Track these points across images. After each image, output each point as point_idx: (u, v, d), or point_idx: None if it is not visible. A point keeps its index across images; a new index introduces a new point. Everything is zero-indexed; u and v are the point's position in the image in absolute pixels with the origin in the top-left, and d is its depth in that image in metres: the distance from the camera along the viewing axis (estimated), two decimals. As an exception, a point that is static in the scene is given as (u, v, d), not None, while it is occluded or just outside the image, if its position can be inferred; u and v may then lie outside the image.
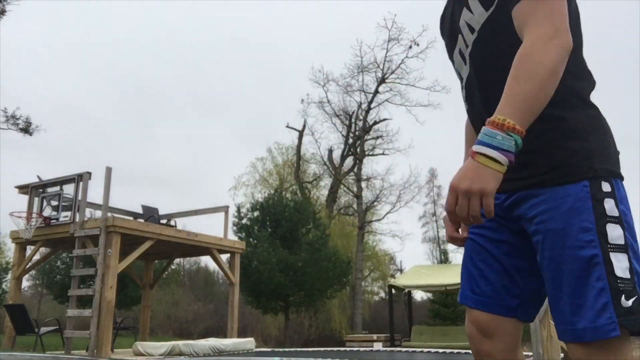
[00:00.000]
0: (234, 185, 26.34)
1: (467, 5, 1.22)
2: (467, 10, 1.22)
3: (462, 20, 1.24)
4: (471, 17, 1.21)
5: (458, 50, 1.28)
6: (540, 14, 1.07)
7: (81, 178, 7.90)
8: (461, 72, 1.30)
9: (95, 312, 7.13)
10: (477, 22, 1.20)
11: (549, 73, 1.02)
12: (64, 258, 20.91)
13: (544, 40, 1.04)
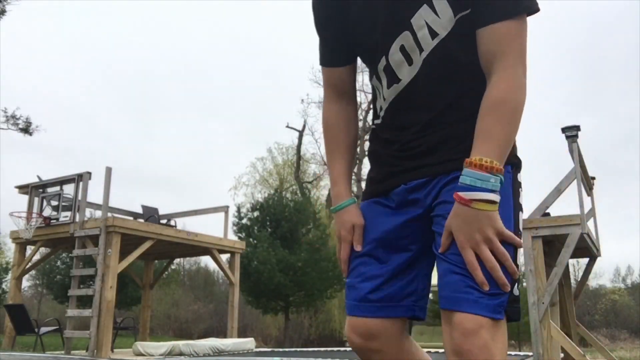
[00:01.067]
0: (234, 185, 26.36)
1: (431, 4, 1.08)
2: (429, 10, 1.09)
3: (420, 18, 1.09)
4: (435, 20, 1.08)
5: (400, 46, 1.13)
6: (517, 49, 1.04)
7: (81, 178, 7.90)
8: (396, 71, 1.16)
9: (95, 312, 7.13)
10: (443, 28, 1.09)
11: (521, 114, 1.05)
12: (64, 258, 20.90)
13: (521, 84, 1.04)
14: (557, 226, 4.97)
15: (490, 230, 0.98)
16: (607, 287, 32.03)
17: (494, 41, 1.04)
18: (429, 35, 1.10)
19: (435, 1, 1.08)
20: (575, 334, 5.83)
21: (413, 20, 1.10)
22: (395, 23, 1.13)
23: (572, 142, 5.13)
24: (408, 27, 1.11)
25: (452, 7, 1.08)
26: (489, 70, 1.05)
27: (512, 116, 1.03)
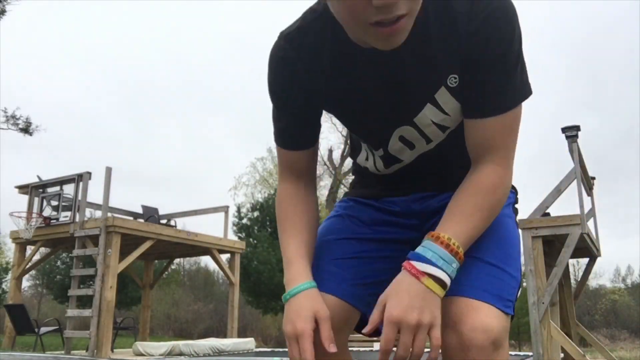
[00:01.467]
0: (234, 185, 26.36)
1: (435, 102, 0.97)
2: (434, 109, 0.98)
3: (426, 118, 0.99)
4: (445, 118, 0.99)
5: (399, 137, 1.04)
6: (511, 145, 0.96)
7: (81, 178, 7.90)
8: (397, 156, 1.08)
9: (95, 312, 7.13)
10: (454, 122, 1.01)
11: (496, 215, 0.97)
12: (64, 258, 20.91)
13: (508, 180, 0.98)
14: (557, 226, 4.97)
15: (428, 316, 0.83)
16: (607, 287, 32.04)
17: (487, 136, 0.94)
18: (438, 130, 1.02)
19: (439, 99, 0.97)
20: (575, 334, 5.83)
21: (417, 119, 1.01)
22: (394, 120, 1.02)
23: (572, 142, 5.13)
24: (411, 124, 1.02)
25: (460, 102, 0.97)
26: (478, 158, 0.97)
27: (493, 210, 0.95)
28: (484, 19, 0.89)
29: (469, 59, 0.92)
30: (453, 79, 0.95)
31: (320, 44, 0.97)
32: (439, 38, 0.92)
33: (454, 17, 0.91)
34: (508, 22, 0.90)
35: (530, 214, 5.13)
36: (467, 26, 0.90)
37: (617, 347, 16.37)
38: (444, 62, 0.94)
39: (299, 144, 1.07)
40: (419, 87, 0.97)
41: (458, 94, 0.96)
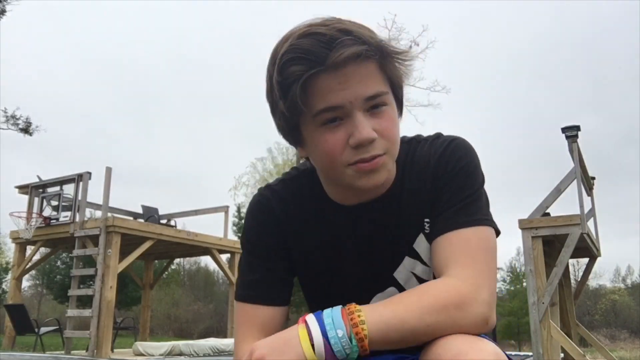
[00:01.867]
0: (234, 185, 26.35)
1: (413, 254, 0.95)
2: (413, 260, 0.95)
3: (405, 271, 0.96)
4: (424, 270, 0.95)
5: (378, 299, 0.97)
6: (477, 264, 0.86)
7: (81, 178, 7.90)
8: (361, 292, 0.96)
9: (95, 312, 7.13)
10: (432, 274, 0.95)
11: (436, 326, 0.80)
12: (64, 258, 20.92)
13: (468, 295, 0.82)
14: (557, 226, 4.97)
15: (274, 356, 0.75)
16: (607, 287, 32.08)
17: (446, 253, 0.86)
18: (417, 282, 0.96)
19: (418, 248, 0.94)
20: (575, 334, 5.83)
21: (396, 274, 0.96)
22: (374, 282, 0.97)
23: (572, 142, 5.13)
24: (393, 283, 0.97)
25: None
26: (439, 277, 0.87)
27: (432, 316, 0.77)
28: (443, 149, 0.93)
29: (435, 195, 0.92)
30: (427, 224, 0.93)
31: (298, 200, 0.98)
32: (410, 186, 0.94)
33: (418, 162, 0.94)
34: (464, 152, 0.93)
35: (530, 214, 5.13)
36: (430, 164, 0.93)
37: (617, 347, 16.37)
38: (420, 210, 0.93)
39: (270, 297, 0.97)
40: (396, 240, 0.95)
41: (432, 239, 0.91)
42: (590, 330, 7.49)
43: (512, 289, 28.81)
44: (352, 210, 0.94)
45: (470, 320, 0.78)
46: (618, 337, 22.35)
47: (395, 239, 0.95)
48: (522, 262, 26.94)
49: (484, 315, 0.79)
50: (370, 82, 0.83)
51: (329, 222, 0.96)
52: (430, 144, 0.96)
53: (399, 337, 0.77)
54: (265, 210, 0.99)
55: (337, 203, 0.95)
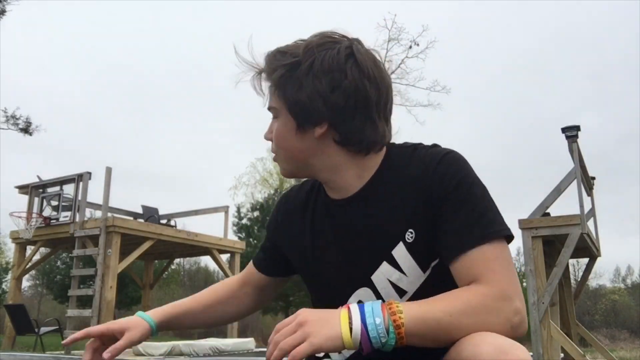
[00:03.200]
0: (234, 185, 26.36)
1: (392, 260, 0.96)
2: (391, 267, 0.96)
3: (382, 276, 0.97)
4: (401, 278, 0.95)
5: (358, 301, 1.00)
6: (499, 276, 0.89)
7: (81, 178, 7.90)
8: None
9: (95, 312, 7.13)
10: (411, 285, 0.95)
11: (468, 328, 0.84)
12: (64, 258, 20.92)
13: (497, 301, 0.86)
14: (557, 226, 4.97)
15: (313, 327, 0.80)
16: (607, 287, 32.07)
17: (468, 273, 0.88)
18: (395, 293, 0.96)
19: (396, 255, 0.95)
20: (575, 334, 5.83)
21: (374, 277, 0.98)
22: (352, 279, 1.01)
23: (572, 142, 5.13)
24: (368, 284, 0.99)
25: (419, 262, 0.94)
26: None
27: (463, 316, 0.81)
28: (437, 163, 0.95)
29: (427, 210, 0.93)
30: (410, 234, 0.94)
31: (307, 198, 1.10)
32: (388, 192, 0.97)
33: (404, 170, 0.97)
34: (460, 166, 0.95)
35: (530, 214, 5.13)
36: (419, 175, 0.95)
37: (617, 347, 16.37)
38: (401, 217, 0.95)
39: (267, 269, 1.19)
40: (376, 242, 0.97)
41: (414, 250, 0.94)
42: (590, 330, 7.49)
43: (512, 289, 28.72)
44: (336, 206, 1.02)
45: (503, 324, 0.83)
46: (618, 337, 22.35)
47: (372, 241, 0.98)
48: (522, 262, 26.92)
49: (515, 321, 0.84)
50: (270, 97, 1.01)
51: (321, 216, 1.06)
52: (422, 154, 0.98)
53: (433, 333, 0.81)
54: (283, 200, 1.18)
55: (329, 198, 1.04)
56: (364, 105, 0.94)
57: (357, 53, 0.95)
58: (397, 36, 22.30)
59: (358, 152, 0.97)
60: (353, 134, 0.95)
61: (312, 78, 0.93)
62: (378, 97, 0.95)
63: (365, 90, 0.93)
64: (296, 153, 0.99)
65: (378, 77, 0.95)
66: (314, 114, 0.94)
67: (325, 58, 0.93)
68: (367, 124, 0.95)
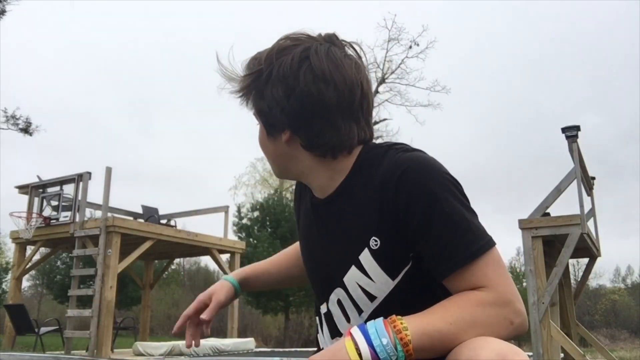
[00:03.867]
0: (234, 185, 26.39)
1: (359, 265, 0.95)
2: (358, 272, 0.96)
3: (352, 280, 0.97)
4: (369, 283, 0.95)
5: (337, 300, 1.01)
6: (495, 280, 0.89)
7: (81, 178, 7.90)
8: (337, 324, 1.04)
9: (95, 312, 7.13)
10: (379, 291, 0.94)
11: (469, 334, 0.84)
12: (64, 258, 20.92)
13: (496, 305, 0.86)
14: (557, 226, 4.97)
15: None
16: (607, 287, 32.06)
17: (464, 283, 0.87)
18: (365, 297, 0.96)
19: (363, 262, 0.94)
20: (575, 334, 5.83)
21: (345, 279, 0.98)
22: (329, 278, 1.02)
23: (572, 142, 5.13)
24: (341, 285, 0.99)
25: (385, 269, 0.93)
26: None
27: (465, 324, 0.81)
28: (398, 179, 0.89)
29: (392, 220, 0.90)
30: (374, 242, 0.93)
31: (307, 191, 1.10)
32: (360, 198, 0.95)
33: (369, 175, 0.95)
34: (423, 179, 0.88)
35: (530, 214, 5.13)
36: (385, 185, 0.91)
37: (617, 347, 16.37)
38: (366, 223, 0.94)
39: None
40: (345, 245, 0.97)
41: (380, 257, 0.93)
42: (590, 330, 7.49)
43: (512, 289, 28.74)
44: (318, 204, 1.05)
45: (505, 327, 0.83)
46: (618, 337, 22.35)
47: (342, 244, 0.98)
48: (522, 262, 26.95)
49: (517, 322, 0.84)
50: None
51: (309, 212, 1.09)
52: (388, 162, 0.93)
53: (438, 344, 0.81)
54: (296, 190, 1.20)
55: (314, 196, 1.06)
56: (321, 108, 0.92)
57: (313, 56, 0.93)
58: (397, 36, 22.32)
59: (323, 155, 0.97)
60: (314, 138, 0.95)
61: (270, 87, 0.94)
62: (338, 98, 0.92)
63: (320, 93, 0.91)
64: (274, 158, 1.03)
65: (337, 77, 0.92)
66: (275, 121, 0.97)
67: (281, 65, 0.93)
68: (327, 127, 0.94)
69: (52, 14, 42.37)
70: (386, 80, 23.37)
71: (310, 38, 0.98)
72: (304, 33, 0.98)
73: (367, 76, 0.99)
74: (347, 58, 0.96)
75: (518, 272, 29.08)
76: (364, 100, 0.96)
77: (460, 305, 0.83)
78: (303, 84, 0.92)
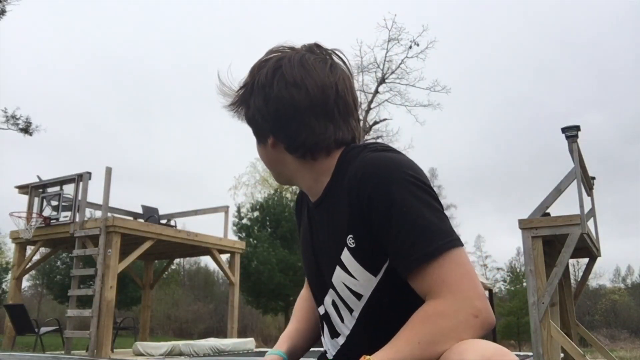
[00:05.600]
0: (234, 185, 26.39)
1: (342, 266, 0.99)
2: (342, 272, 0.99)
3: (339, 280, 1.00)
4: (353, 282, 0.98)
5: (331, 301, 1.05)
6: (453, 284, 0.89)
7: (81, 178, 7.90)
8: (334, 324, 1.08)
9: (95, 312, 7.13)
10: (364, 289, 0.97)
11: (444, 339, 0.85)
12: (64, 258, 20.92)
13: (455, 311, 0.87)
14: (557, 226, 4.97)
15: None
16: (607, 287, 32.09)
17: (423, 286, 0.87)
18: (352, 296, 0.99)
19: (344, 260, 0.98)
20: (575, 334, 5.83)
21: (333, 280, 1.02)
22: (322, 280, 1.06)
23: (572, 142, 5.13)
24: (332, 286, 1.03)
25: (366, 266, 0.95)
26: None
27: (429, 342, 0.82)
28: (359, 179, 0.93)
29: (360, 218, 0.94)
30: (351, 240, 0.97)
31: (306, 198, 1.14)
32: (338, 198, 0.99)
33: (346, 175, 0.98)
34: (382, 180, 0.90)
35: (530, 214, 5.13)
36: (351, 186, 0.95)
37: (617, 347, 16.37)
38: (343, 223, 0.98)
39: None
40: (330, 246, 1.02)
41: (358, 255, 0.96)
42: (590, 330, 7.49)
43: (512, 289, 28.80)
44: (311, 209, 1.09)
45: (468, 329, 0.83)
46: (618, 337, 22.35)
47: (328, 246, 1.03)
48: (522, 262, 26.93)
49: (478, 322, 0.84)
50: None
51: (305, 217, 1.15)
52: (357, 162, 0.96)
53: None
54: (297, 200, 1.24)
55: (310, 200, 1.11)
56: (294, 111, 0.99)
57: (285, 65, 1.01)
58: (397, 36, 22.31)
59: (303, 157, 1.03)
60: (291, 140, 1.01)
61: (253, 97, 1.03)
62: (310, 101, 0.99)
63: (292, 98, 0.99)
64: (268, 163, 1.11)
65: (308, 81, 0.99)
66: (260, 129, 1.06)
67: (260, 76, 1.02)
68: (302, 128, 1.00)
69: (52, 14, 42.34)
70: (386, 80, 23.36)
71: (291, 49, 1.05)
72: (287, 45, 1.06)
73: (346, 78, 1.03)
74: (322, 62, 1.02)
75: (518, 272, 29.07)
76: (340, 100, 1.01)
77: (423, 321, 0.84)
78: (277, 90, 1.00)
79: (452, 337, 0.81)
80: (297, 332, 1.21)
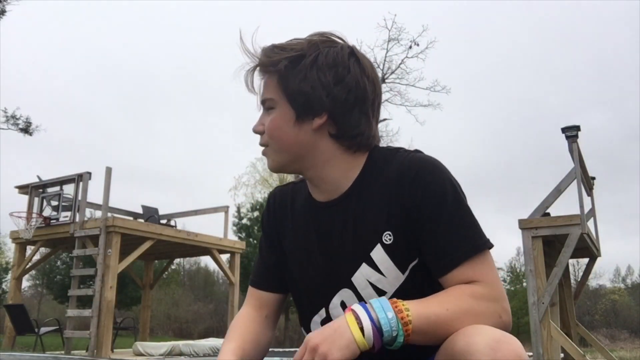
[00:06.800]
0: (234, 185, 26.35)
1: (371, 262, 0.97)
2: (370, 268, 0.98)
3: (362, 277, 0.99)
4: (380, 279, 0.97)
5: (340, 302, 1.02)
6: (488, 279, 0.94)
7: (81, 178, 7.90)
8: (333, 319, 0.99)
9: (95, 312, 7.13)
10: (390, 285, 0.97)
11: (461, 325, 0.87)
12: (64, 258, 20.94)
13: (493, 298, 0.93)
14: (557, 226, 4.97)
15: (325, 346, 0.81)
16: (607, 287, 32.07)
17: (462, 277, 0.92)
18: (375, 294, 0.98)
19: (375, 257, 0.97)
20: (575, 334, 5.83)
21: (354, 279, 1.00)
22: (334, 281, 1.02)
23: (572, 142, 5.13)
24: (348, 285, 1.00)
25: (397, 264, 0.96)
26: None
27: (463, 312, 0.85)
28: (415, 173, 0.96)
29: (404, 215, 0.95)
30: (388, 236, 0.97)
31: (294, 198, 1.11)
32: (370, 194, 0.99)
33: (385, 174, 0.99)
34: (438, 177, 0.96)
35: (530, 214, 5.13)
36: (397, 181, 0.97)
37: (617, 347, 16.36)
38: (379, 219, 0.97)
39: (267, 285, 1.13)
40: (355, 243, 0.99)
41: (393, 252, 0.96)
42: (590, 330, 7.49)
43: (512, 289, 28.82)
44: (320, 208, 1.04)
45: (495, 319, 0.87)
46: (618, 337, 22.35)
47: (352, 243, 1.00)
48: (522, 262, 26.96)
49: (504, 319, 0.89)
50: (265, 90, 1.02)
51: (305, 217, 1.08)
52: (401, 159, 0.99)
53: (434, 328, 0.84)
54: (270, 199, 1.17)
55: (313, 200, 1.06)
56: (362, 101, 0.99)
57: (358, 52, 1.01)
58: (397, 36, 22.28)
59: (349, 147, 1.00)
60: (349, 127, 0.99)
61: (316, 70, 0.96)
62: (374, 96, 1.01)
63: (365, 87, 0.98)
64: (290, 145, 1.00)
65: (375, 78, 1.01)
66: (315, 104, 0.97)
67: (329, 53, 0.98)
68: (363, 119, 0.99)
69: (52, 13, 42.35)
70: (386, 80, 23.35)
71: (340, 39, 1.03)
72: (333, 34, 1.03)
73: None
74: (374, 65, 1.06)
75: (518, 272, 29.09)
76: (380, 105, 1.06)
77: (457, 295, 0.88)
78: (353, 73, 0.97)
79: (478, 321, 0.85)
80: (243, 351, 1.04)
